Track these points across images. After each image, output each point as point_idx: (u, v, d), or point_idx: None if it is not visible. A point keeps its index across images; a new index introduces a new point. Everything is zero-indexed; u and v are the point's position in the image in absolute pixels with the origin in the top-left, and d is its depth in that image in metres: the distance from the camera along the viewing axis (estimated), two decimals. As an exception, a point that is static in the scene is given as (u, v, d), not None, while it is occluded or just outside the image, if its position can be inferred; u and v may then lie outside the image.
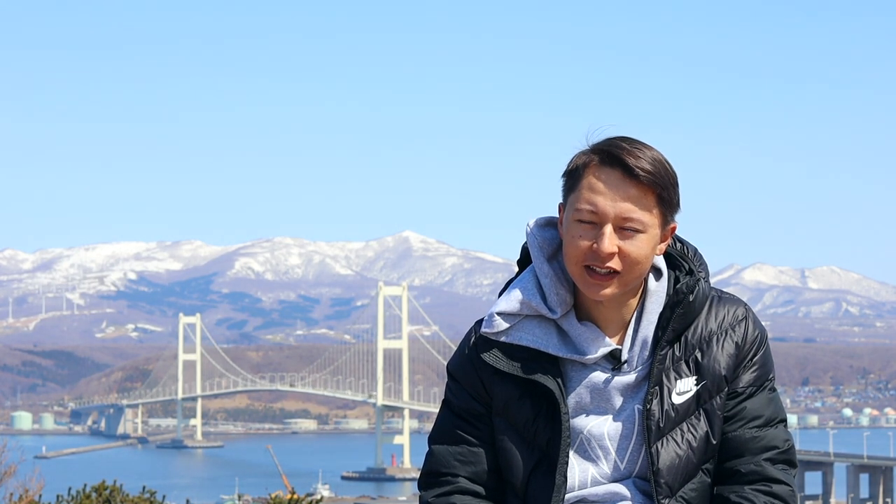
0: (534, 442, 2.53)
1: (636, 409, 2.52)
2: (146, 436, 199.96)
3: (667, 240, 2.51)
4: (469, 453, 2.58)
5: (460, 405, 2.60)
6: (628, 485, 2.53)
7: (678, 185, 2.48)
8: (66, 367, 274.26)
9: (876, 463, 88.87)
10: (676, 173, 2.48)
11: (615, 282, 2.45)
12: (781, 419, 2.58)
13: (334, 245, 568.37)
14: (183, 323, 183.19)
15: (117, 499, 11.71)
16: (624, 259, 2.43)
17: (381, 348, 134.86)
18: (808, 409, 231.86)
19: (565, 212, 2.49)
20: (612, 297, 2.48)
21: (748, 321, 2.56)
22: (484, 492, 2.59)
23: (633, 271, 2.45)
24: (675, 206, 2.48)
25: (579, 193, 2.45)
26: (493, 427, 2.58)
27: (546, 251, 2.56)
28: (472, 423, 2.58)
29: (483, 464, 2.58)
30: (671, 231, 2.51)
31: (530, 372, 2.51)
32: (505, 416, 2.56)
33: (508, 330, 2.54)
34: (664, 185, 2.43)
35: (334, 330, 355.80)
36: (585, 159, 2.47)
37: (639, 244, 2.43)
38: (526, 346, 2.53)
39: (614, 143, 2.46)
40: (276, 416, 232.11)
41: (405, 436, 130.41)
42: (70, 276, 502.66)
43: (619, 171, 2.42)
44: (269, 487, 27.53)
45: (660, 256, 2.55)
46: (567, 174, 2.50)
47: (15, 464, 14.78)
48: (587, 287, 2.46)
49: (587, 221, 2.43)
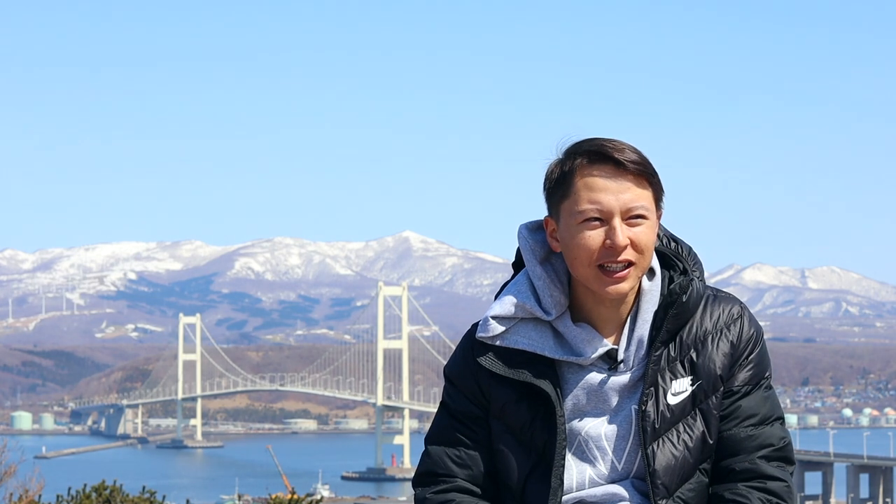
0: (531, 445, 2.53)
1: (633, 410, 2.52)
2: (146, 436, 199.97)
3: (658, 217, 2.53)
4: (465, 455, 2.59)
5: (457, 408, 2.60)
6: (626, 485, 2.52)
7: (658, 173, 2.52)
8: (66, 367, 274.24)
9: (876, 463, 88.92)
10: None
11: (631, 274, 2.47)
12: (778, 417, 2.57)
13: (334, 245, 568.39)
14: (183, 323, 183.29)
15: (117, 499, 11.70)
16: (636, 248, 2.44)
17: (381, 348, 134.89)
18: (808, 410, 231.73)
19: (561, 220, 2.49)
20: (630, 290, 2.49)
21: (743, 319, 2.56)
22: (481, 493, 2.59)
23: (645, 258, 2.47)
24: (661, 190, 2.51)
25: (577, 196, 2.45)
26: (489, 430, 2.58)
27: (538, 254, 2.56)
28: (469, 425, 2.59)
29: (479, 466, 2.58)
30: (659, 217, 2.53)
31: (526, 375, 2.52)
32: (502, 418, 2.56)
33: (504, 333, 2.54)
34: (652, 170, 2.47)
35: (334, 330, 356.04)
36: (570, 164, 2.47)
37: (646, 230, 2.45)
38: (522, 350, 2.53)
39: (593, 142, 2.47)
40: (276, 416, 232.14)
41: (405, 436, 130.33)
42: (70, 276, 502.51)
43: (610, 165, 2.44)
44: (269, 487, 27.54)
45: (653, 256, 2.56)
46: (553, 183, 2.50)
47: (15, 464, 14.77)
48: (604, 286, 2.46)
49: (594, 219, 2.44)
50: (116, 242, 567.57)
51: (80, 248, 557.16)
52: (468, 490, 2.59)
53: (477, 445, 2.58)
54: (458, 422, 2.60)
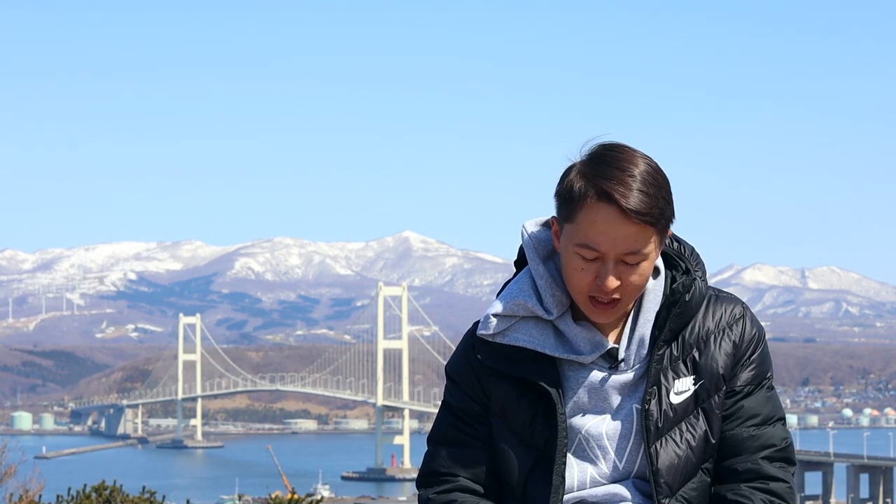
0: (532, 442, 2.53)
1: (634, 409, 2.52)
2: (146, 436, 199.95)
3: (662, 247, 2.51)
4: (468, 454, 2.59)
5: (459, 406, 2.60)
6: (628, 485, 2.53)
7: (671, 198, 2.45)
8: (66, 367, 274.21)
9: (876, 463, 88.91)
10: (669, 183, 2.46)
11: (619, 307, 2.47)
12: (780, 417, 2.58)
13: (334, 245, 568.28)
14: (183, 323, 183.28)
15: (117, 499, 11.71)
16: (625, 289, 2.44)
17: (381, 348, 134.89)
18: (808, 410, 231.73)
19: (563, 234, 2.48)
20: (616, 316, 2.51)
21: (746, 319, 2.56)
22: (483, 492, 2.59)
23: (635, 294, 2.47)
24: (671, 221, 2.46)
25: (578, 228, 2.43)
26: (491, 428, 2.58)
27: (541, 252, 2.56)
28: (471, 423, 2.59)
29: (481, 465, 2.58)
30: (666, 236, 2.51)
31: (527, 373, 2.52)
32: (503, 416, 2.56)
33: (505, 331, 2.54)
34: (659, 217, 2.42)
35: (334, 330, 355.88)
36: (581, 188, 2.43)
37: (640, 272, 2.44)
38: (523, 347, 2.53)
39: (609, 176, 2.41)
40: (276, 416, 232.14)
41: (405, 436, 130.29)
42: (70, 277, 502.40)
43: (615, 208, 2.39)
44: (270, 487, 27.54)
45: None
46: (562, 198, 2.47)
47: (15, 464, 14.80)
48: (592, 314, 2.48)
49: (590, 258, 2.43)
50: (116, 242, 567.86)
51: (80, 248, 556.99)
52: (471, 489, 2.58)
53: (479, 444, 2.58)
54: (460, 420, 2.60)
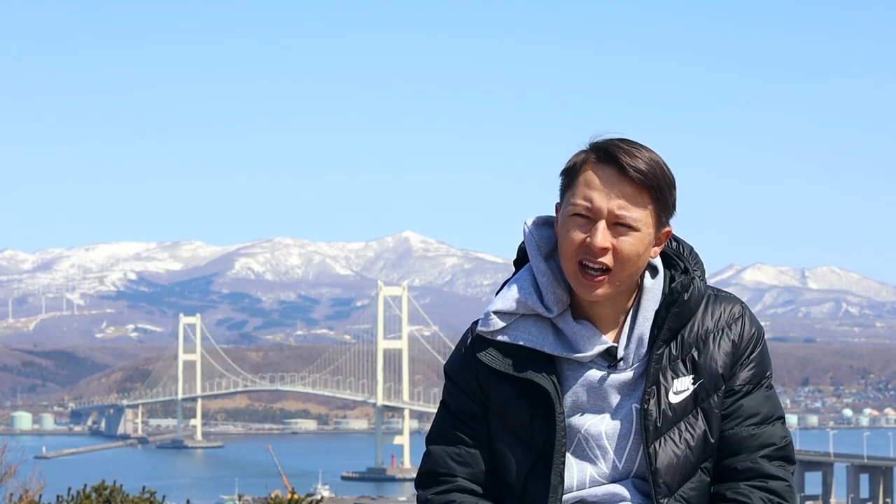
0: (531, 442, 2.53)
1: (633, 408, 2.51)
2: (146, 436, 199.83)
3: (661, 244, 2.53)
4: (466, 454, 2.58)
5: (457, 406, 2.59)
6: (627, 485, 2.52)
7: (675, 188, 2.50)
8: (66, 367, 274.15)
9: (876, 463, 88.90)
10: (674, 177, 2.50)
11: (607, 281, 2.46)
12: (779, 416, 2.58)
13: (334, 245, 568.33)
14: (183, 323, 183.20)
15: (117, 499, 11.71)
16: (616, 256, 2.44)
17: (381, 348, 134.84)
18: (808, 410, 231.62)
19: (561, 209, 2.51)
20: (605, 296, 2.49)
21: (744, 319, 2.56)
22: (482, 492, 2.59)
23: (625, 269, 2.47)
24: (671, 208, 2.50)
25: (575, 189, 2.47)
26: (490, 428, 2.57)
27: (543, 250, 2.56)
28: (470, 423, 2.58)
29: (480, 464, 2.57)
30: (666, 235, 2.53)
31: (526, 371, 2.51)
32: (502, 416, 2.55)
33: (505, 329, 2.53)
34: (658, 185, 2.45)
35: (334, 330, 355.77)
36: (583, 157, 2.49)
37: (632, 241, 2.44)
38: (522, 345, 2.52)
39: (612, 142, 2.48)
40: (276, 416, 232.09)
41: (405, 436, 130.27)
42: (70, 277, 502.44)
43: (614, 168, 2.44)
44: (269, 487, 27.60)
45: (645, 264, 2.54)
46: (565, 172, 2.52)
47: (15, 464, 14.78)
48: (580, 287, 2.47)
49: (582, 216, 2.45)
50: (116, 242, 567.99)
51: (80, 249, 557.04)
52: (469, 489, 2.58)
53: (478, 444, 2.57)
54: (459, 420, 2.59)
